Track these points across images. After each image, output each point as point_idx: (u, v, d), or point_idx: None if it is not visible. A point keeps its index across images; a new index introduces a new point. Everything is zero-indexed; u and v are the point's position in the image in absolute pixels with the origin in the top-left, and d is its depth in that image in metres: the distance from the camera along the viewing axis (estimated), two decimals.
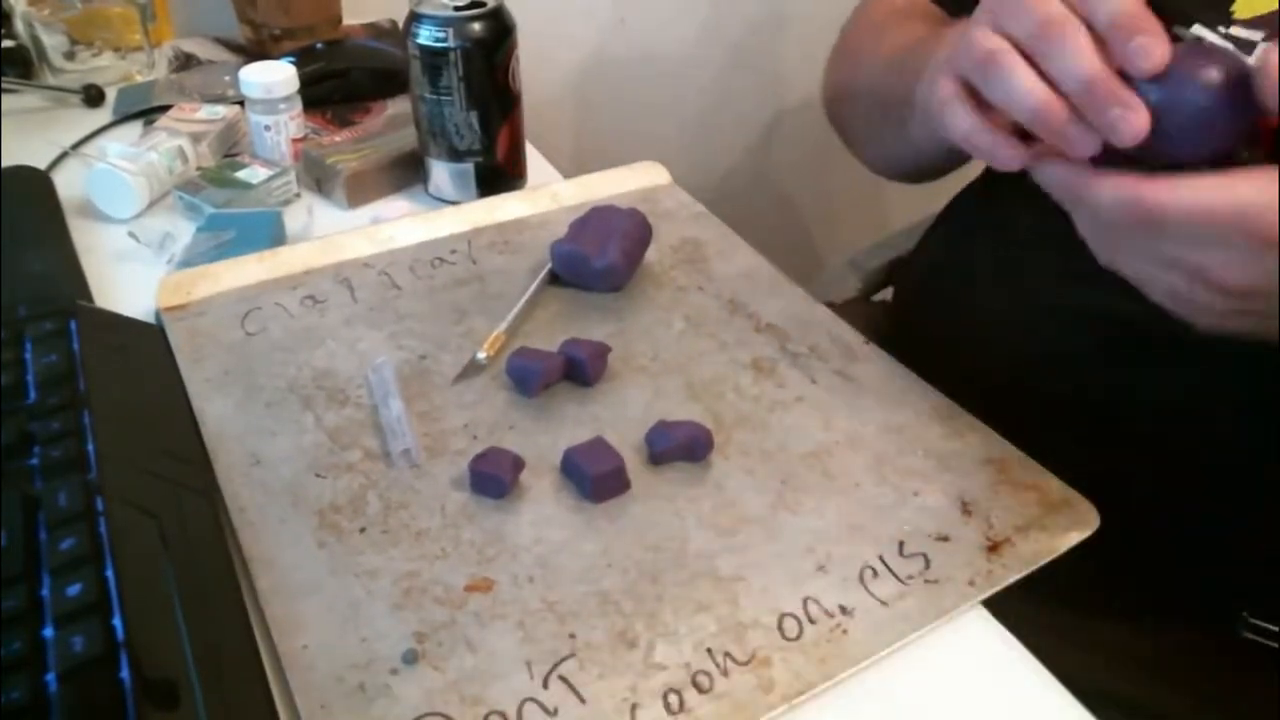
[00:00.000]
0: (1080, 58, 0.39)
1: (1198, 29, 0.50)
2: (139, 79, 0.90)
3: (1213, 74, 0.38)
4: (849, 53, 0.75)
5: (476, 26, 0.67)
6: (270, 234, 0.67)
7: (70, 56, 0.87)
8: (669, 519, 0.48)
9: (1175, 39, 0.43)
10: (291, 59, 0.80)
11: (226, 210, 0.69)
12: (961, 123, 0.44)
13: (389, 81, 0.83)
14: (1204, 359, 0.55)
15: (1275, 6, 0.51)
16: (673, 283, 0.64)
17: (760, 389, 0.56)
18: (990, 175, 0.73)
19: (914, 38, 0.64)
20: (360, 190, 0.74)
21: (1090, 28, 0.40)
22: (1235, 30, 0.51)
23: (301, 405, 0.54)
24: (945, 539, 0.47)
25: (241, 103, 0.78)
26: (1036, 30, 0.40)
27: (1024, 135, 0.43)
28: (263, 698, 0.39)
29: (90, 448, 0.45)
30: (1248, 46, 0.47)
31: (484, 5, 0.68)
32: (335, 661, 0.41)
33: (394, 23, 0.94)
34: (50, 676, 0.35)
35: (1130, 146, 0.39)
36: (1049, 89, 0.40)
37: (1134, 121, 0.39)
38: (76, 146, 0.78)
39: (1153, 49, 0.38)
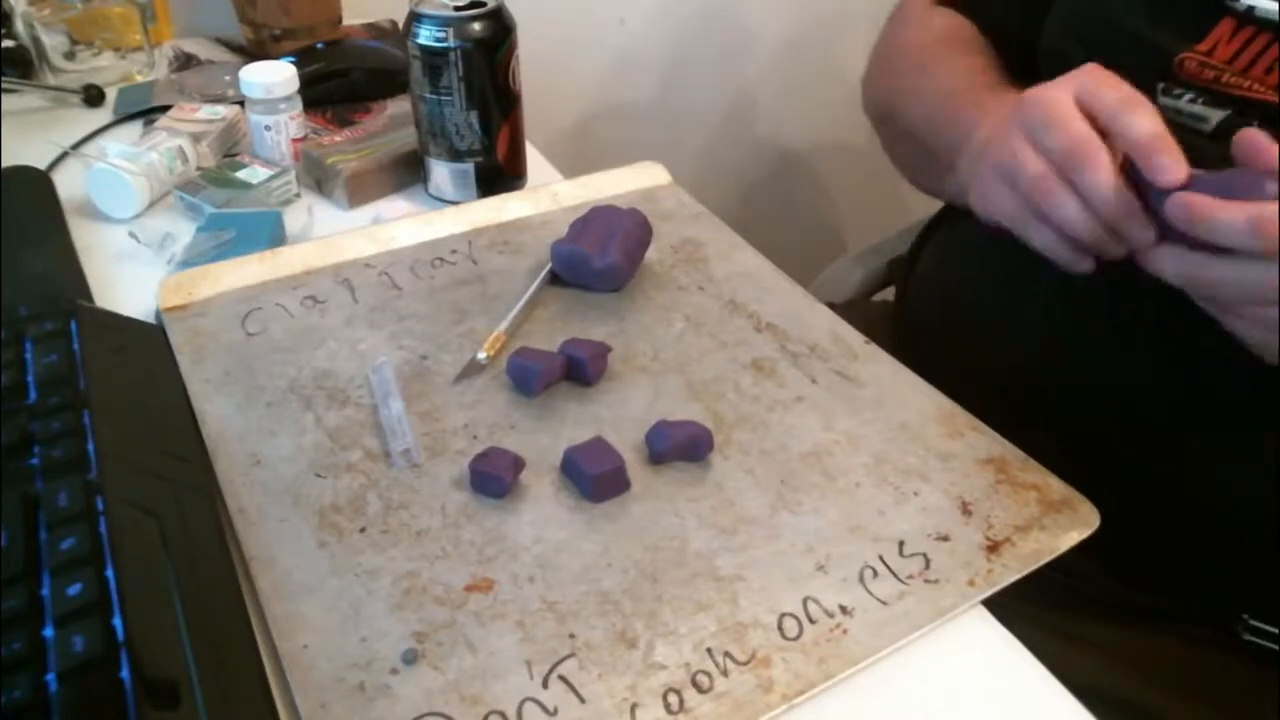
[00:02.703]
0: (1100, 181, 0.46)
1: None
2: (139, 79, 0.90)
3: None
4: (890, 73, 0.75)
5: (476, 26, 0.67)
6: (270, 234, 0.67)
7: (70, 56, 0.87)
8: (669, 519, 0.48)
9: (1226, 8, 0.51)
10: (291, 59, 0.80)
11: (227, 210, 0.69)
12: (1037, 237, 0.50)
13: (389, 81, 0.83)
14: (1206, 360, 0.55)
15: None
16: (673, 283, 0.64)
17: (760, 389, 0.56)
18: None
19: (957, 84, 0.65)
20: (360, 190, 0.74)
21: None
22: None
23: (302, 405, 0.54)
24: (945, 539, 0.47)
25: (241, 103, 0.78)
26: (1066, 152, 0.47)
27: None
28: (263, 698, 0.39)
29: (90, 447, 0.45)
30: None
31: (484, 5, 0.68)
32: (335, 661, 0.41)
33: (394, 23, 0.94)
34: (50, 676, 0.35)
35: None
36: (1089, 214, 0.47)
37: (1143, 235, 0.46)
38: (76, 146, 0.78)
39: (1171, 168, 0.44)
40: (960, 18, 0.73)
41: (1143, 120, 0.45)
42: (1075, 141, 0.46)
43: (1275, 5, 0.52)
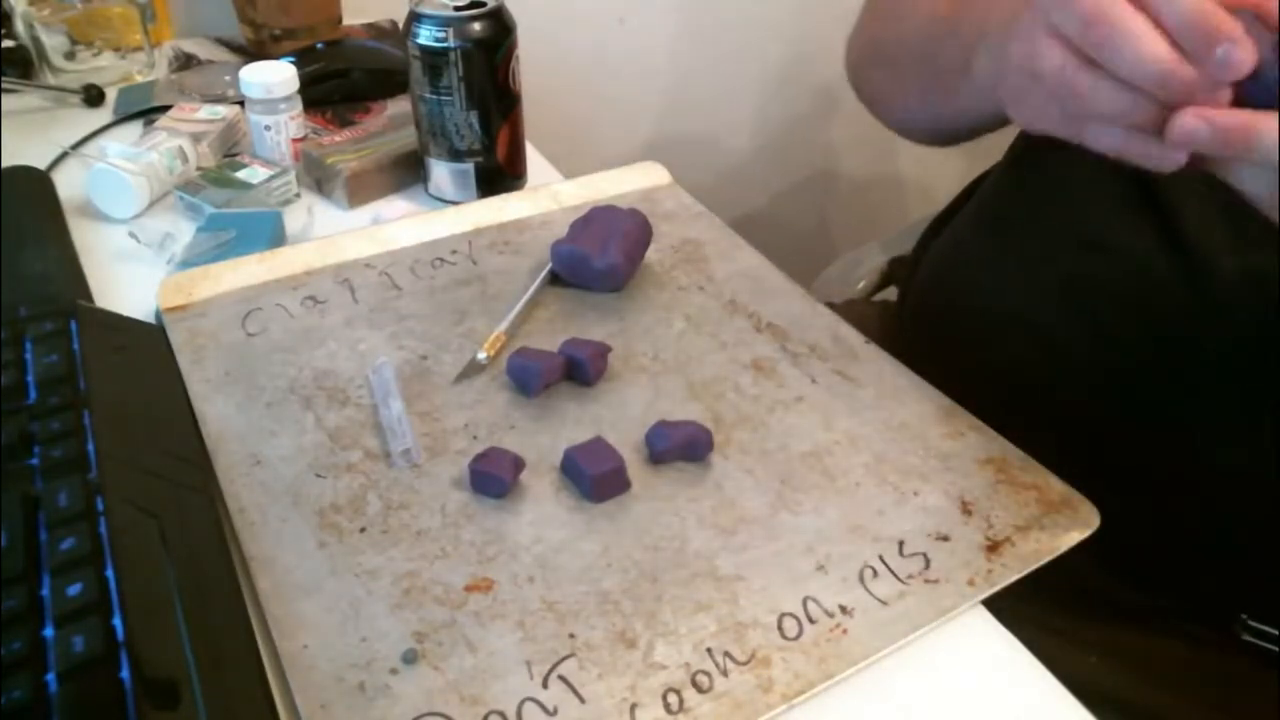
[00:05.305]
0: (1129, 51, 0.37)
1: None
2: (139, 79, 0.90)
3: None
4: (882, 11, 0.70)
5: (476, 26, 0.67)
6: (270, 234, 0.67)
7: (70, 56, 0.87)
8: (669, 519, 0.48)
9: None
10: (291, 59, 0.80)
11: (227, 210, 0.69)
12: (1095, 141, 0.41)
13: (389, 81, 0.83)
14: (1206, 359, 0.55)
15: None
16: (673, 283, 0.64)
17: (760, 389, 0.56)
18: (991, 173, 0.73)
19: None
20: (360, 190, 0.74)
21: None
22: None
23: (302, 405, 0.54)
24: (945, 539, 0.47)
25: (241, 103, 0.78)
26: (1082, 27, 0.38)
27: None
28: (263, 698, 0.39)
29: (90, 448, 0.45)
30: None
31: (484, 5, 0.68)
32: (335, 661, 0.41)
33: (394, 23, 0.94)
34: (50, 676, 0.35)
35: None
36: (1171, 46, 0.37)
37: (1239, 55, 0.36)
38: (76, 146, 0.78)
39: (1236, 59, 0.36)
40: None
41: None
42: (1090, 12, 0.38)
43: None
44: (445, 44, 0.67)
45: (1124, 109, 0.39)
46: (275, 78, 0.74)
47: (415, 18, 0.67)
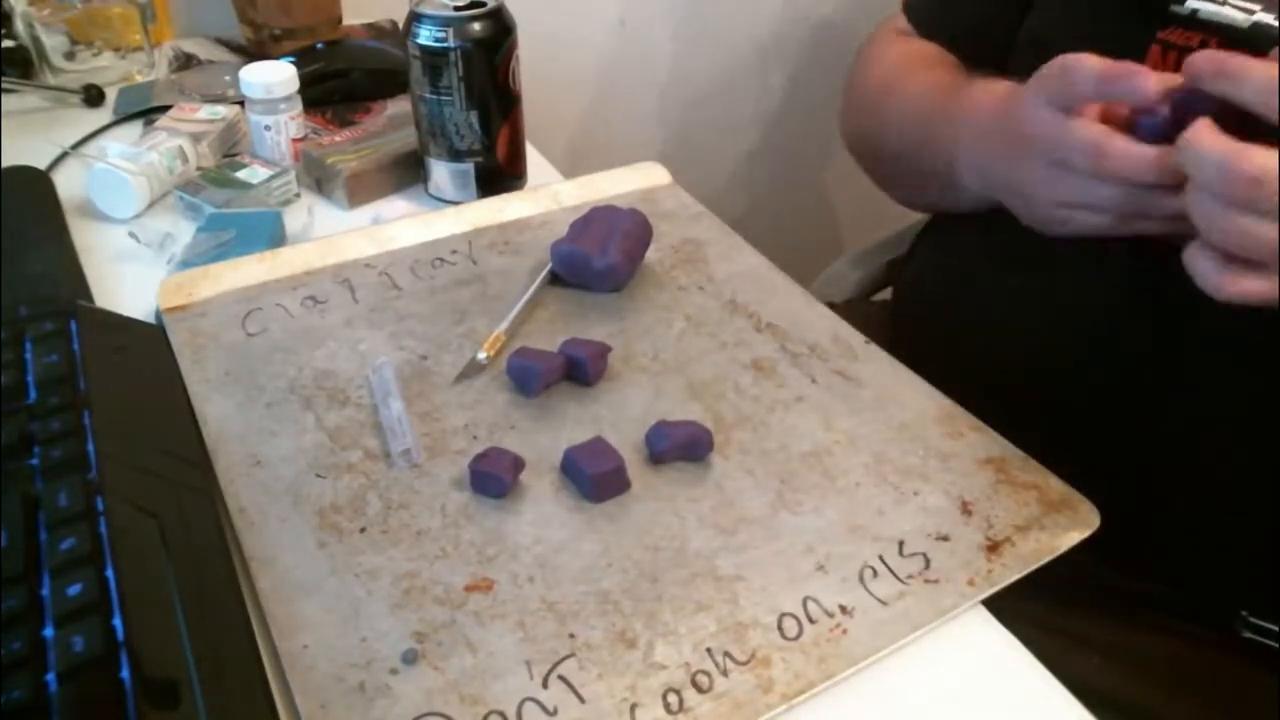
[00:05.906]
0: (1121, 163, 0.46)
1: (1192, 2, 0.52)
2: (139, 79, 0.90)
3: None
4: (865, 104, 0.77)
5: (476, 26, 0.67)
6: (270, 234, 0.67)
7: (70, 56, 0.87)
8: (669, 519, 0.48)
9: (1172, 15, 0.51)
10: (291, 59, 0.80)
11: (227, 210, 0.69)
12: (1097, 222, 0.50)
13: (389, 81, 0.83)
14: (1204, 357, 0.55)
15: None
16: (673, 283, 0.64)
17: (760, 389, 0.56)
18: None
19: (931, 99, 0.66)
20: (360, 190, 0.74)
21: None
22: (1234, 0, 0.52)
23: (302, 406, 0.54)
24: (945, 539, 0.47)
25: (241, 103, 0.78)
26: (1082, 158, 0.48)
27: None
28: (263, 698, 0.39)
29: (90, 448, 0.45)
30: (1245, 11, 0.52)
31: (484, 5, 0.68)
32: (335, 661, 0.41)
33: (394, 23, 0.94)
34: (50, 676, 0.35)
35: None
36: (1146, 148, 0.46)
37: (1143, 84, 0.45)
38: (76, 146, 0.78)
39: (1144, 81, 0.45)
40: (917, 41, 0.75)
41: (1088, 69, 0.46)
42: (1088, 147, 0.47)
43: (1215, 8, 0.53)
44: (445, 44, 0.67)
45: (1127, 200, 0.48)
46: (275, 78, 0.74)
47: (415, 18, 0.67)
